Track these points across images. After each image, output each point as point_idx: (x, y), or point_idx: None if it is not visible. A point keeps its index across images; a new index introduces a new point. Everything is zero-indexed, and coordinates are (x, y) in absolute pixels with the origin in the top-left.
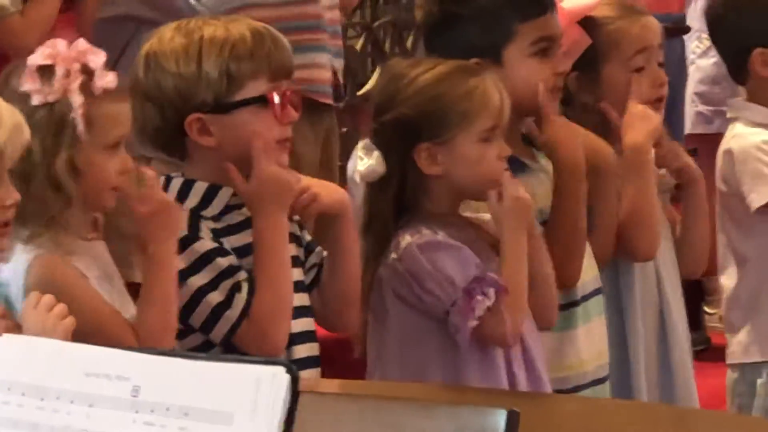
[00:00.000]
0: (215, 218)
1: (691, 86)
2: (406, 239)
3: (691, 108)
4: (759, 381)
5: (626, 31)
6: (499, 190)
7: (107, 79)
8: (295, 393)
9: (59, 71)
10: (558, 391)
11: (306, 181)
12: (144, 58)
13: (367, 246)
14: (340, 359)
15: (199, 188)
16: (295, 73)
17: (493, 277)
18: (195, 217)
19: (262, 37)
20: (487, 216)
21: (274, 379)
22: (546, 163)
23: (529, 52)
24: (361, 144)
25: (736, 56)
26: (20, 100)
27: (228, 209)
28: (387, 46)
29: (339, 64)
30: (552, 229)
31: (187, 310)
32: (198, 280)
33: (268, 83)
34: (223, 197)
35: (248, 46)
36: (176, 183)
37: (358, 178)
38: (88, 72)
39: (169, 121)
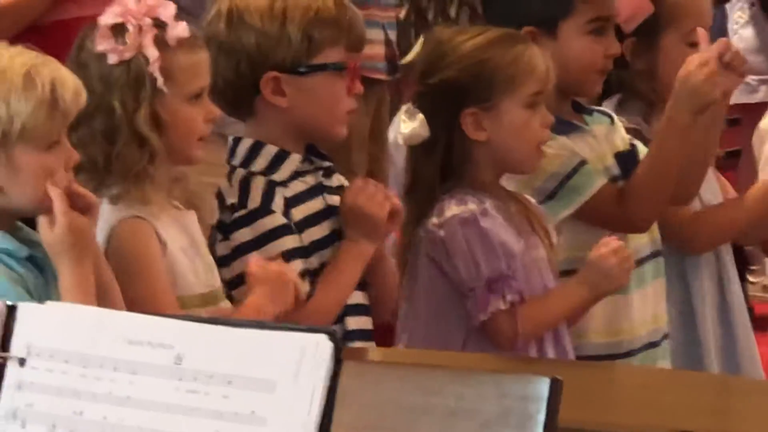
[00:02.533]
0: (284, 183)
1: None
2: (452, 209)
3: None
4: None
5: (688, 6)
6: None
7: (179, 29)
8: (338, 361)
9: (131, 28)
10: (611, 356)
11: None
12: (227, 12)
13: (409, 208)
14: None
15: (269, 151)
16: None
17: (519, 284)
18: (270, 184)
19: (345, 6)
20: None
21: (318, 347)
22: (597, 128)
23: (585, 29)
24: (404, 108)
25: None
26: (97, 60)
27: (295, 175)
28: (430, 15)
29: (393, 36)
30: (643, 167)
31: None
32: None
33: (344, 53)
34: (291, 163)
35: (331, 13)
36: (245, 143)
37: (401, 141)
38: (160, 25)
39: (244, 77)
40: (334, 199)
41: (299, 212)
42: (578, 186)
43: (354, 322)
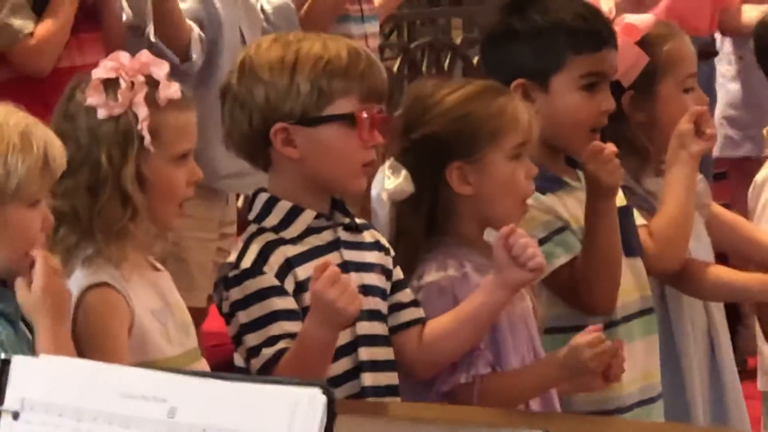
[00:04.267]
0: (293, 241)
1: (720, 109)
2: (432, 274)
3: (719, 131)
4: None
5: (683, 51)
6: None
7: (171, 90)
8: (331, 414)
9: (123, 84)
10: (599, 412)
11: None
12: (239, 65)
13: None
14: None
15: (282, 207)
16: None
17: (488, 358)
18: (270, 244)
19: (359, 56)
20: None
21: (311, 401)
22: None
23: (577, 84)
24: (387, 163)
25: None
26: (86, 113)
27: (309, 232)
28: (424, 67)
29: None
30: (583, 256)
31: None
32: (243, 317)
33: (358, 103)
34: (304, 220)
35: (343, 63)
36: (261, 198)
37: (385, 197)
38: (152, 83)
39: (256, 129)
40: (359, 255)
41: (306, 270)
42: (549, 253)
43: (371, 379)
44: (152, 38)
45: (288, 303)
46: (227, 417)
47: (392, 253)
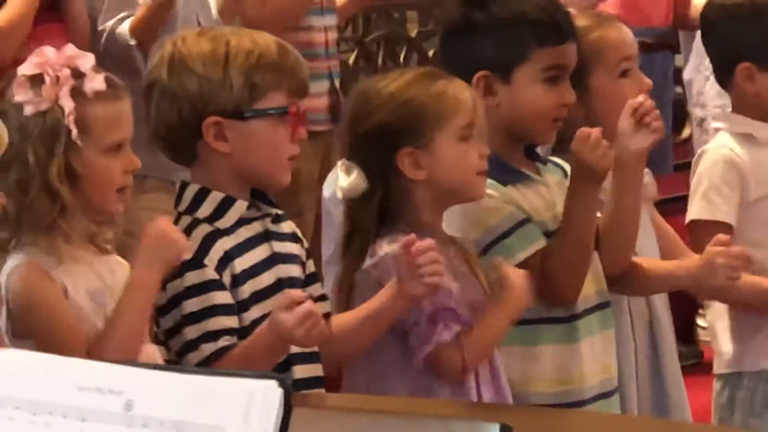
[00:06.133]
0: (228, 231)
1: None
2: (384, 248)
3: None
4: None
5: (609, 38)
6: None
7: (97, 81)
8: (287, 407)
9: (48, 78)
10: (560, 405)
11: None
12: (168, 58)
13: (346, 259)
14: None
15: (214, 198)
16: None
17: (463, 315)
18: (212, 235)
19: (288, 51)
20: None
21: (267, 393)
22: (549, 177)
23: (540, 77)
24: (340, 163)
25: (724, 64)
26: (15, 110)
27: (240, 223)
28: (379, 60)
29: (338, 83)
30: (557, 243)
31: (170, 332)
32: (183, 309)
33: (287, 98)
34: (237, 210)
35: (274, 57)
36: (192, 189)
37: (340, 195)
38: (78, 76)
39: (186, 122)
40: (283, 246)
41: (243, 263)
42: (513, 246)
43: (302, 371)
44: (130, 41)
45: (226, 297)
46: (184, 409)
47: (306, 245)
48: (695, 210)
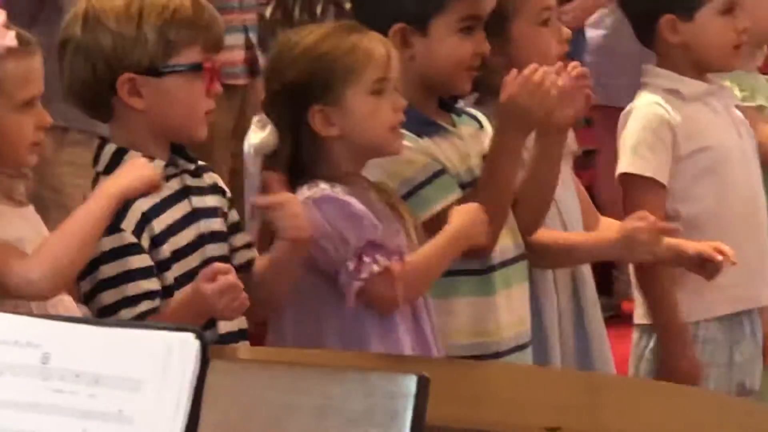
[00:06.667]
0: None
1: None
2: (303, 193)
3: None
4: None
5: None
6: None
7: (7, 39)
8: (204, 360)
9: None
10: (477, 357)
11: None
12: (82, 15)
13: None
14: None
15: (132, 158)
16: None
17: (390, 246)
18: (126, 201)
19: (202, 7)
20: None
21: (184, 346)
22: (464, 129)
23: (456, 27)
24: (255, 118)
25: (645, 20)
26: None
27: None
28: (296, 13)
29: (255, 38)
30: (475, 193)
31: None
32: (101, 273)
33: (202, 53)
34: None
35: (188, 13)
36: (110, 149)
37: (252, 151)
38: None
39: (100, 79)
40: (203, 200)
41: (161, 222)
42: (429, 197)
43: (226, 324)
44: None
45: (144, 261)
46: (101, 362)
47: (228, 194)
48: (627, 163)
